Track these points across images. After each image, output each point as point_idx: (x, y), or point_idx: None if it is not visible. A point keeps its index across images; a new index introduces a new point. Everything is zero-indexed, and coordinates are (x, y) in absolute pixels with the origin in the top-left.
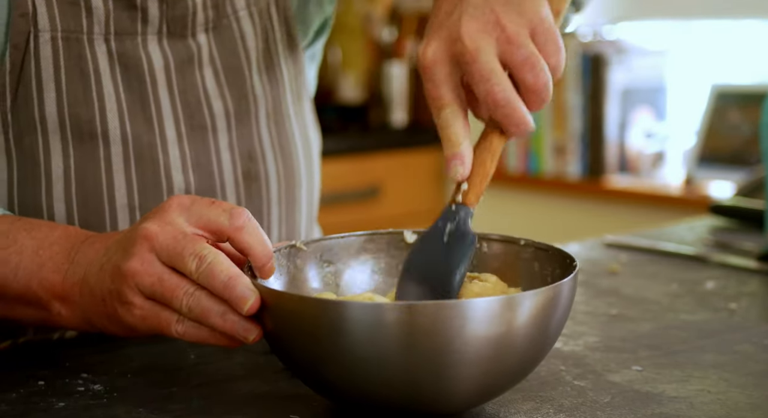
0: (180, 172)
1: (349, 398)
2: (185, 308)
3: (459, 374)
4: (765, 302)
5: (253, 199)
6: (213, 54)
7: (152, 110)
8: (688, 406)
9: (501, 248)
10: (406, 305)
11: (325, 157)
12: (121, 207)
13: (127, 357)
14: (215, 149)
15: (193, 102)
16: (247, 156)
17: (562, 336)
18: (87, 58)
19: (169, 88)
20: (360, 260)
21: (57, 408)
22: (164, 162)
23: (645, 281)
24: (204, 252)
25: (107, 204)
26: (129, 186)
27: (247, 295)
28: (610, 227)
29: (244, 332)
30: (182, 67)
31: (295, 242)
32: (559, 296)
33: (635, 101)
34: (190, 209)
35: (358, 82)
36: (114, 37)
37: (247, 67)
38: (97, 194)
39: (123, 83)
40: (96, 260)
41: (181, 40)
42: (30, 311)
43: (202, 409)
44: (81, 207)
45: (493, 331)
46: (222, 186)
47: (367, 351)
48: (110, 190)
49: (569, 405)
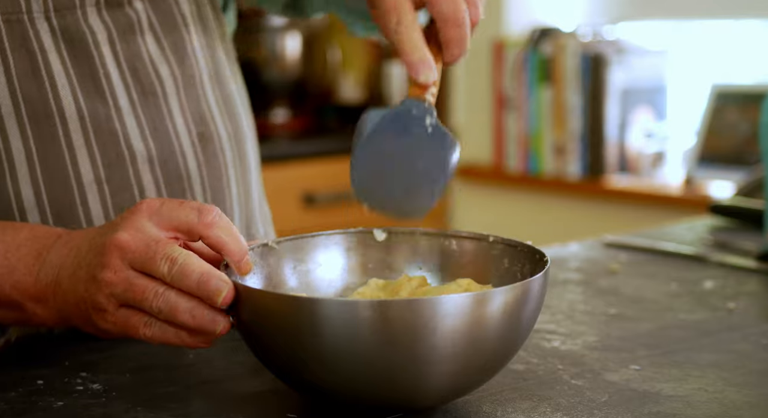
0: (140, 140)
1: (325, 394)
2: (155, 309)
3: (433, 368)
4: (764, 301)
5: (210, 161)
6: (152, 20)
7: (103, 83)
8: (685, 405)
9: (470, 244)
10: (380, 301)
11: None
12: (88, 183)
13: (126, 356)
14: (169, 115)
15: (140, 69)
16: (199, 118)
17: (561, 335)
18: (31, 38)
19: (115, 58)
20: (331, 258)
21: (56, 407)
22: (123, 132)
23: (644, 280)
24: (175, 254)
25: (74, 181)
26: (93, 161)
27: (221, 286)
28: (609, 227)
29: (212, 325)
30: (125, 36)
31: (267, 241)
32: (529, 291)
33: (635, 101)
34: (159, 212)
35: (358, 82)
36: (54, 14)
37: (185, 31)
38: (62, 173)
39: (70, 59)
40: (68, 262)
41: (119, 8)
42: (6, 312)
43: (201, 408)
44: (48, 188)
45: (466, 326)
46: (181, 150)
47: (342, 347)
48: (75, 167)
49: (566, 404)
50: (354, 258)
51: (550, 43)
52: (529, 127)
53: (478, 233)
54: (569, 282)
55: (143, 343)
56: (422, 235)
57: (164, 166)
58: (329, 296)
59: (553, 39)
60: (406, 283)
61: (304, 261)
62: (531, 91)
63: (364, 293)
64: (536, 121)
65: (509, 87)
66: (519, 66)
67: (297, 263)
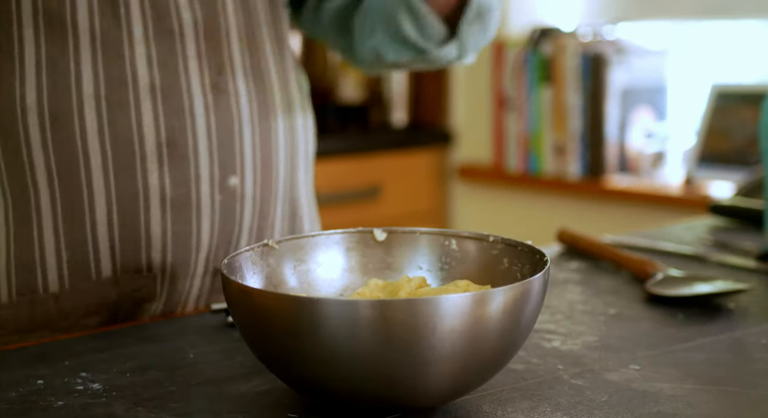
0: (145, 67)
1: (325, 394)
2: None
3: (433, 368)
4: (764, 301)
5: (221, 110)
6: None
7: (121, 9)
8: (685, 405)
9: (470, 244)
10: (380, 301)
11: (325, 157)
12: (87, 96)
13: (126, 356)
14: (182, 54)
15: (162, 8)
16: (216, 69)
17: (561, 335)
18: None
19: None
20: (331, 258)
21: (56, 407)
22: (130, 57)
23: None
24: None
25: (75, 92)
26: (96, 77)
27: None
28: (610, 227)
29: None
30: None
31: (268, 241)
32: (529, 291)
33: (635, 101)
34: None
35: (358, 82)
36: None
37: None
38: (65, 82)
39: None
40: None
41: None
42: None
43: (201, 408)
44: (50, 94)
45: (466, 326)
46: (189, 88)
47: (342, 347)
48: (78, 79)
49: (566, 404)
50: (354, 258)
51: (550, 43)
52: (529, 127)
53: (478, 232)
54: (569, 282)
55: (143, 343)
56: (422, 235)
57: (166, 98)
58: (329, 296)
59: (553, 39)
60: (405, 283)
61: (304, 261)
62: (531, 91)
63: (363, 293)
64: (536, 121)
65: (509, 87)
66: (519, 66)
67: (297, 262)
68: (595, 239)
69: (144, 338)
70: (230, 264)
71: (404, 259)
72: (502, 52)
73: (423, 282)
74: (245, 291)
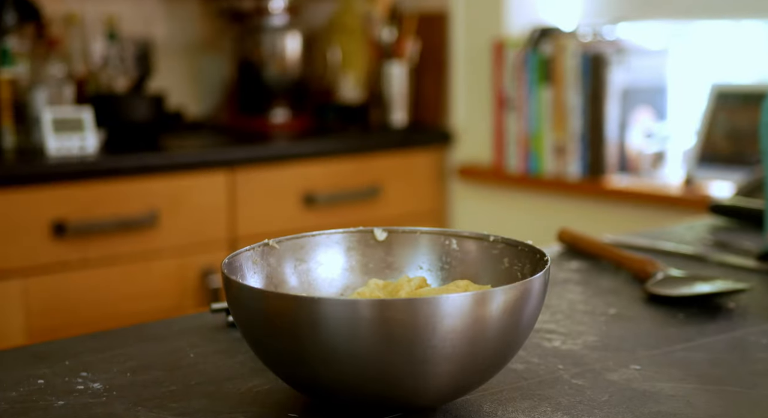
0: None
1: (325, 393)
2: None
3: (433, 368)
4: (763, 301)
5: None
6: None
7: None
8: (685, 404)
9: (471, 244)
10: (380, 301)
11: (325, 157)
12: None
13: (127, 356)
14: None
15: None
16: None
17: (561, 335)
18: None
19: None
20: (332, 258)
21: (56, 406)
22: None
23: None
24: None
25: None
26: None
27: None
28: (610, 227)
29: None
30: None
31: (268, 241)
32: (530, 291)
33: (635, 101)
34: None
35: (358, 82)
36: None
37: None
38: None
39: None
40: None
41: None
42: None
43: (201, 407)
44: None
45: (466, 326)
46: None
47: (342, 347)
48: None
49: (567, 403)
50: (354, 258)
51: (550, 43)
52: (529, 127)
53: (479, 232)
54: (569, 282)
55: (143, 343)
56: (423, 234)
57: None
58: (329, 296)
59: (553, 39)
60: (405, 283)
61: (304, 260)
62: (531, 91)
63: (363, 292)
64: (536, 121)
65: (509, 87)
66: (519, 66)
67: (298, 262)
68: (595, 239)
69: (144, 338)
70: (231, 264)
71: (404, 258)
72: (502, 52)
73: (423, 282)
74: (246, 291)
